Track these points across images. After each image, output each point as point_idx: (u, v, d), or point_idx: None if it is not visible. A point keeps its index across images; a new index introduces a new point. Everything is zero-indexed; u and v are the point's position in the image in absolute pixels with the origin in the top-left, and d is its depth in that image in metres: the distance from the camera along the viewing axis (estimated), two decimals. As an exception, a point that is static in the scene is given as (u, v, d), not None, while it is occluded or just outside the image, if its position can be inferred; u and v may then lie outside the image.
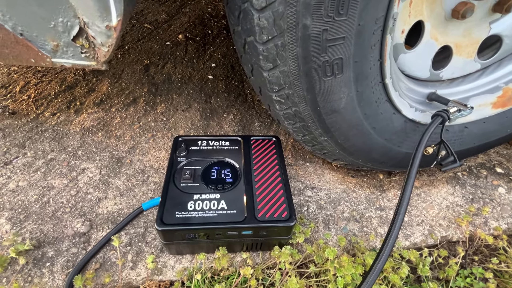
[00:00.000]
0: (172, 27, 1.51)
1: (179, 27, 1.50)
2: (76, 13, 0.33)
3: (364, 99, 0.52)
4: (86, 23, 0.34)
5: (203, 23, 1.57)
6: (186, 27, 1.52)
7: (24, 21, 0.36)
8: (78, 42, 0.37)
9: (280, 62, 0.44)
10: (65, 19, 0.34)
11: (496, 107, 0.72)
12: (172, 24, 1.53)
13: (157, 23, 1.54)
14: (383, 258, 0.46)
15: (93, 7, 0.32)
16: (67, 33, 0.36)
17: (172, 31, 1.47)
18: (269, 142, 0.69)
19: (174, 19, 1.59)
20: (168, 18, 1.59)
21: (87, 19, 0.33)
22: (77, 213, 0.66)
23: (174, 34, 1.45)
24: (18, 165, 0.75)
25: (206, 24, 1.57)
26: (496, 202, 0.77)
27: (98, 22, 0.33)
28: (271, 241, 0.57)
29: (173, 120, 0.93)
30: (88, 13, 0.32)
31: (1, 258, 0.51)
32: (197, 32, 1.48)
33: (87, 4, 0.32)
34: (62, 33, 0.36)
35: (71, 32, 0.36)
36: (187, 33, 1.46)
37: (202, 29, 1.51)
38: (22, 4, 0.34)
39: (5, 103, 0.93)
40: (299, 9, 0.37)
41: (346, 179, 0.80)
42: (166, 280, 0.56)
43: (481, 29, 0.66)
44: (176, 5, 1.73)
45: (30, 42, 0.38)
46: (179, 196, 0.55)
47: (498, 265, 0.63)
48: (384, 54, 0.47)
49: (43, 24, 0.36)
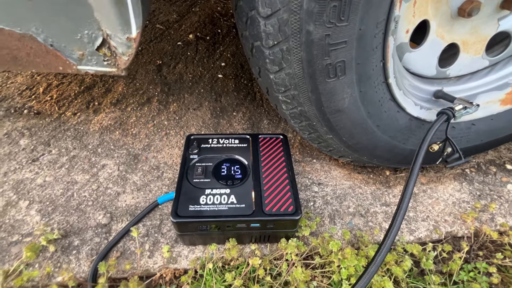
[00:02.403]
0: (183, 27, 1.55)
1: (189, 27, 1.54)
2: (100, 26, 0.37)
3: (368, 99, 0.53)
4: (108, 35, 0.37)
5: (212, 22, 1.60)
6: (197, 26, 1.55)
7: (54, 33, 0.40)
8: (101, 51, 0.41)
9: (286, 65, 0.47)
10: (90, 31, 0.38)
11: (505, 104, 0.72)
12: (183, 24, 1.57)
13: (168, 23, 1.58)
14: (385, 250, 0.48)
15: (116, 21, 0.35)
16: (91, 44, 0.40)
17: (183, 31, 1.51)
18: (277, 140, 0.72)
19: (184, 18, 1.62)
20: (179, 18, 1.63)
21: (109, 32, 0.37)
22: (98, 206, 0.71)
23: (185, 34, 1.49)
24: (44, 161, 0.81)
25: (216, 23, 1.60)
26: (504, 199, 0.77)
27: (120, 34, 0.36)
28: (278, 234, 0.60)
29: (185, 118, 0.98)
30: (110, 26, 0.36)
31: (34, 246, 0.56)
32: (207, 32, 1.51)
33: (110, 18, 0.35)
34: (87, 43, 0.40)
35: (95, 42, 0.40)
36: (197, 33, 1.49)
37: (211, 28, 1.54)
38: (53, 19, 0.38)
39: (30, 104, 1.00)
40: (302, 16, 0.39)
41: (352, 175, 0.82)
42: (180, 268, 0.61)
43: (489, 26, 0.66)
44: (187, 5, 1.77)
45: (59, 52, 0.42)
46: (192, 191, 0.59)
47: (503, 260, 0.64)
48: (387, 55, 0.49)
49: (70, 36, 0.40)
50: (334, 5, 0.38)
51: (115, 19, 0.35)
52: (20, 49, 0.43)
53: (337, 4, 0.38)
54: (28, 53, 0.43)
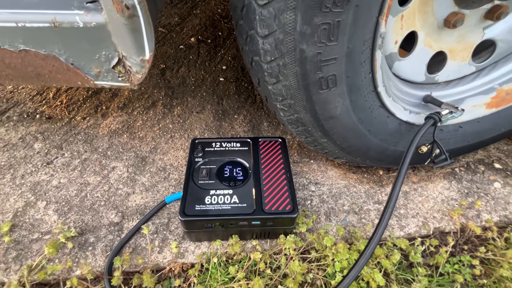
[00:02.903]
0: (184, 30, 1.59)
1: (191, 30, 1.58)
2: (117, 48, 0.42)
3: (358, 107, 0.58)
4: (124, 56, 0.42)
5: (213, 24, 1.64)
6: (198, 29, 1.59)
7: (75, 54, 0.44)
8: (117, 69, 0.45)
9: (282, 78, 0.51)
10: (107, 52, 0.43)
11: (490, 107, 0.76)
12: (185, 27, 1.61)
13: (170, 26, 1.62)
14: (373, 244, 0.53)
15: (131, 45, 0.40)
16: (108, 63, 0.45)
17: (185, 34, 1.55)
18: (276, 143, 0.77)
19: (186, 21, 1.66)
20: (181, 20, 1.67)
21: (125, 53, 0.42)
22: (110, 206, 0.77)
23: (187, 37, 1.53)
24: (58, 164, 0.87)
25: (217, 25, 1.63)
26: (490, 196, 0.82)
27: (134, 56, 0.41)
28: (277, 230, 0.66)
29: (188, 121, 1.02)
30: (126, 49, 0.41)
31: (55, 243, 0.62)
32: (208, 35, 1.55)
33: (126, 43, 0.40)
34: (104, 62, 0.45)
35: (112, 62, 0.44)
36: (199, 36, 1.53)
37: (212, 31, 1.58)
38: (75, 42, 0.43)
39: (41, 109, 1.05)
40: (296, 37, 0.44)
41: (348, 175, 0.87)
42: (188, 262, 0.66)
43: (475, 35, 0.70)
44: (188, 7, 1.80)
45: (79, 69, 0.47)
46: (198, 191, 0.64)
47: (486, 254, 0.69)
48: (375, 67, 0.54)
49: (90, 56, 0.44)
50: (324, 28, 0.42)
51: (130, 44, 0.40)
52: (44, 67, 0.47)
53: (326, 27, 0.42)
54: (51, 70, 0.48)
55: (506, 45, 0.72)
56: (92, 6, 0.40)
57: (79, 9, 0.40)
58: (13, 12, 0.40)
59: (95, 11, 0.39)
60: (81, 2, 0.41)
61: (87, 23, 0.39)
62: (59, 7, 0.41)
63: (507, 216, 0.78)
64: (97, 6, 0.40)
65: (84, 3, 0.41)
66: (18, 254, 0.66)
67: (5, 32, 0.42)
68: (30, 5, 0.41)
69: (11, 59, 0.46)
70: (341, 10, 0.41)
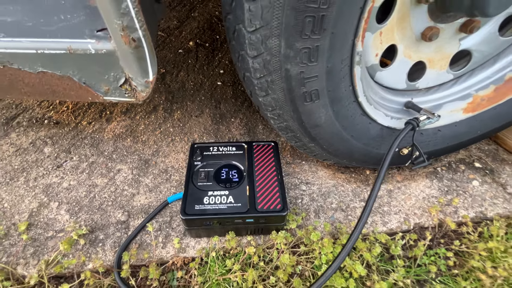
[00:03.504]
0: (183, 33, 1.64)
1: (189, 33, 1.63)
2: (124, 70, 0.48)
3: (341, 115, 0.64)
4: (130, 77, 0.48)
5: (211, 27, 1.69)
6: (196, 33, 1.64)
7: (87, 75, 0.50)
8: (123, 87, 0.51)
9: (271, 92, 0.57)
10: (115, 74, 0.49)
11: (467, 112, 0.82)
12: (183, 31, 1.66)
13: (169, 30, 1.67)
14: (353, 238, 0.60)
15: (137, 70, 0.46)
16: (116, 82, 0.51)
17: (183, 38, 1.60)
18: (268, 146, 0.83)
19: (184, 24, 1.71)
20: (179, 24, 1.72)
21: (131, 75, 0.48)
22: (117, 206, 0.83)
23: (185, 41, 1.58)
24: (67, 167, 0.93)
25: (214, 28, 1.68)
26: (468, 194, 0.89)
27: (140, 78, 0.47)
28: (269, 227, 0.72)
29: (188, 125, 1.09)
30: (132, 72, 0.47)
31: (70, 240, 0.69)
32: (206, 38, 1.60)
33: (132, 67, 0.46)
34: (113, 82, 0.51)
35: (119, 81, 0.50)
36: (197, 40, 1.58)
37: (210, 34, 1.63)
38: (87, 66, 0.49)
39: (49, 114, 1.11)
40: (281, 58, 0.50)
41: (336, 175, 0.93)
42: (189, 256, 0.73)
43: (452, 45, 0.76)
44: (186, 9, 1.85)
45: (90, 87, 0.53)
46: (197, 193, 0.71)
47: (460, 247, 0.76)
48: (354, 81, 0.60)
49: (100, 77, 0.50)
50: (305, 51, 0.48)
51: (136, 69, 0.45)
52: (59, 85, 0.53)
53: (307, 50, 0.48)
54: (65, 88, 0.54)
55: (480, 54, 0.78)
56: (102, 34, 0.46)
57: (91, 38, 0.45)
58: (33, 40, 0.46)
59: (105, 40, 0.45)
60: (91, 30, 0.47)
61: (98, 50, 0.45)
62: (73, 35, 0.46)
63: (482, 212, 0.84)
64: (106, 35, 0.46)
65: (94, 32, 0.47)
66: (35, 250, 0.73)
67: (26, 57, 0.48)
68: (48, 34, 0.47)
69: (30, 79, 0.52)
70: (318, 36, 0.47)
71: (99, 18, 0.44)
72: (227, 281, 0.67)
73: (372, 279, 0.68)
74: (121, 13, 0.38)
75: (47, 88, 0.54)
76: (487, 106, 0.81)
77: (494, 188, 0.90)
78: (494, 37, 0.75)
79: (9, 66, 0.50)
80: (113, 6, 0.37)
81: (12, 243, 0.74)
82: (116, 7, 0.37)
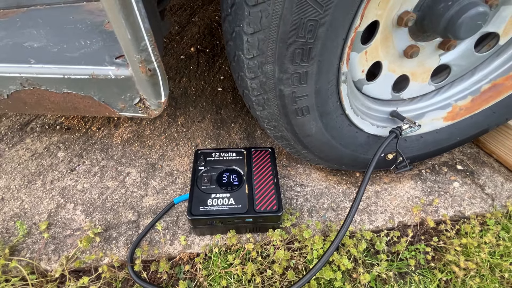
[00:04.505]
0: (184, 39, 1.70)
1: (190, 39, 1.69)
2: (139, 92, 0.55)
3: (330, 127, 0.72)
4: (144, 97, 0.55)
5: (211, 33, 1.75)
6: (197, 38, 1.70)
7: (106, 95, 0.58)
8: (138, 105, 0.59)
9: (267, 107, 0.65)
10: (131, 94, 0.56)
11: (447, 120, 0.90)
12: (184, 36, 1.72)
13: (171, 36, 1.73)
14: (340, 236, 0.68)
15: (151, 93, 0.53)
16: (131, 101, 0.58)
17: (185, 43, 1.66)
18: (266, 152, 0.91)
19: (185, 30, 1.76)
20: (180, 29, 1.78)
21: (145, 96, 0.55)
22: (128, 207, 0.91)
23: (187, 46, 1.64)
24: (80, 171, 1.01)
25: (215, 34, 1.74)
26: (449, 194, 0.97)
27: (153, 99, 0.54)
28: (266, 226, 0.81)
29: (191, 130, 1.16)
30: (146, 93, 0.54)
31: (88, 237, 0.77)
32: (207, 44, 1.66)
33: (147, 90, 0.53)
34: (128, 101, 0.58)
35: (134, 100, 0.58)
36: (198, 45, 1.65)
37: (211, 39, 1.69)
38: (107, 88, 0.56)
39: (60, 120, 1.19)
40: (275, 81, 0.57)
41: (329, 177, 1.01)
42: (194, 252, 0.81)
43: (432, 60, 0.83)
44: (187, 14, 1.90)
45: (108, 105, 0.60)
46: (201, 195, 0.79)
47: (438, 243, 0.84)
48: (341, 97, 0.67)
49: (117, 97, 0.58)
50: (295, 76, 0.56)
51: (150, 92, 0.53)
52: (80, 103, 0.61)
53: (297, 75, 0.56)
54: (85, 105, 0.61)
55: (459, 68, 0.86)
56: (120, 61, 0.53)
57: (111, 65, 0.53)
58: (61, 67, 0.53)
59: (123, 67, 0.52)
60: (111, 57, 0.55)
61: (118, 75, 0.53)
62: (95, 62, 0.54)
63: (461, 211, 0.93)
64: (124, 62, 0.53)
65: (113, 59, 0.54)
66: (55, 247, 0.81)
67: (54, 81, 0.55)
68: (72, 60, 0.54)
69: (55, 98, 0.59)
70: (307, 64, 0.54)
71: (116, 43, 0.51)
72: (229, 273, 0.76)
73: (358, 271, 0.77)
74: (140, 49, 0.45)
75: (70, 105, 0.61)
76: (465, 115, 0.89)
77: (473, 189, 0.98)
78: (470, 53, 0.82)
79: (38, 88, 0.57)
80: (133, 44, 0.44)
81: (34, 241, 0.83)
82: (136, 45, 0.44)
